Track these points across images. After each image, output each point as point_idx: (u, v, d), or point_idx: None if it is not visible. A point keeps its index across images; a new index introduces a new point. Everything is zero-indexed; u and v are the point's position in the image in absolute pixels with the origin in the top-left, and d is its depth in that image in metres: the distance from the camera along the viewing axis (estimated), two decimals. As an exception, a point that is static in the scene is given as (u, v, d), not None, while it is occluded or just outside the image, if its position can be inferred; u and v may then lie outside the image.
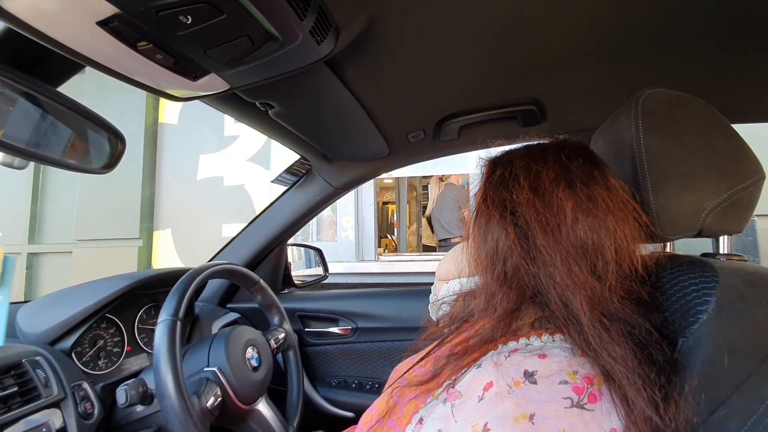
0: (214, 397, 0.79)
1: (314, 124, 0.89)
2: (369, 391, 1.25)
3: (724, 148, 0.53)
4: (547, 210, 0.46)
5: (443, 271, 0.85)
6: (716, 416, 0.40)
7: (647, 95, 0.54)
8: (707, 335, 0.42)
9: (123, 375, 0.93)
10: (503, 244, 0.49)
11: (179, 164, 3.94)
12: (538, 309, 0.48)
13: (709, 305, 0.43)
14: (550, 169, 0.49)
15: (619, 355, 0.40)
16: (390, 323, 1.24)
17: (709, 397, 0.40)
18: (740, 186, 0.51)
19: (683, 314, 0.45)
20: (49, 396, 0.73)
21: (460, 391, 0.43)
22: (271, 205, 1.31)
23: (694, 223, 0.52)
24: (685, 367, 0.42)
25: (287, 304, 1.29)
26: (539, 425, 0.36)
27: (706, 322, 0.43)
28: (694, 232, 0.53)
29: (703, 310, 0.44)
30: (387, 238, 5.75)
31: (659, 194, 0.51)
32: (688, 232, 0.53)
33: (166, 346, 0.72)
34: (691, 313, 0.45)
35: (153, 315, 1.09)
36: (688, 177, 0.52)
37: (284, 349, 1.09)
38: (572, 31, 0.67)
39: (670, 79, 0.80)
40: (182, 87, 0.58)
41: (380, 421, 0.54)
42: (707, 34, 0.68)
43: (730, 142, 0.53)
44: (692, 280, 0.47)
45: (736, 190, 0.51)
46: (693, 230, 0.53)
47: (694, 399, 0.39)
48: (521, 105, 0.92)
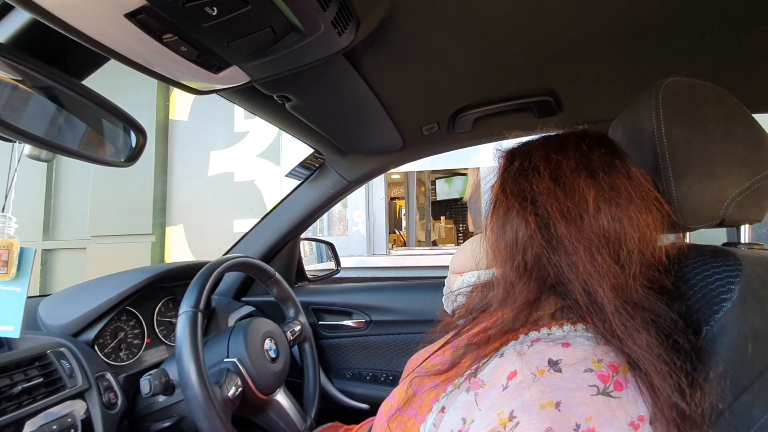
0: (234, 387, 0.80)
1: (330, 117, 0.89)
2: (383, 383, 1.26)
3: (745, 136, 0.52)
4: (569, 199, 0.46)
5: (457, 264, 0.85)
6: (740, 402, 0.40)
7: (668, 84, 0.54)
8: (731, 323, 0.42)
9: (143, 366, 0.95)
10: (523, 234, 0.49)
11: (190, 160, 3.97)
12: (559, 299, 0.48)
13: (733, 293, 0.43)
14: (571, 158, 0.49)
15: (645, 343, 0.40)
16: (403, 316, 1.24)
17: (733, 383, 0.40)
18: (761, 174, 0.51)
19: (707, 303, 0.45)
20: (73, 386, 0.75)
21: (483, 380, 0.43)
22: (284, 200, 1.31)
23: (716, 212, 0.52)
24: (710, 354, 0.42)
25: (301, 297, 1.30)
26: (565, 412, 0.36)
27: (730, 310, 0.43)
28: (716, 221, 0.53)
29: (727, 299, 0.44)
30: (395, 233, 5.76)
31: (681, 183, 0.51)
32: (710, 221, 0.53)
33: (189, 337, 0.73)
34: (715, 301, 0.45)
35: (171, 308, 1.11)
36: (710, 166, 0.51)
37: (300, 341, 1.10)
38: (589, 20, 0.66)
39: (689, 68, 0.79)
40: (203, 79, 0.58)
41: (400, 409, 0.54)
42: (727, 22, 0.67)
43: (751, 131, 0.52)
44: (715, 269, 0.47)
45: (758, 179, 0.51)
46: (715, 219, 0.52)
47: (719, 385, 0.40)
48: (537, 96, 0.92)
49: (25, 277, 0.68)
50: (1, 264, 0.61)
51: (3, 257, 0.61)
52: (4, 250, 0.61)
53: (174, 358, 0.76)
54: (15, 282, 0.65)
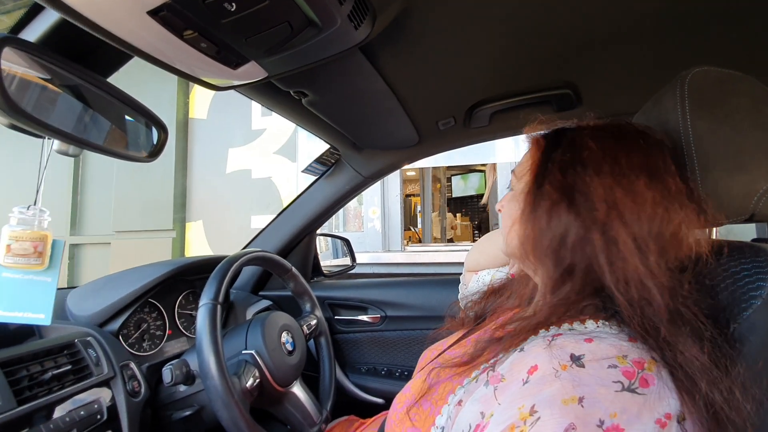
0: (252, 379, 0.82)
1: (346, 112, 0.90)
2: (398, 378, 1.26)
3: None
4: (629, 198, 0.44)
5: (472, 261, 0.85)
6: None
7: (694, 74, 0.52)
8: (761, 321, 0.41)
9: (165, 357, 0.98)
10: (575, 234, 0.46)
11: (209, 158, 4.06)
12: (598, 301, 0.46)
13: (763, 290, 0.42)
14: (632, 155, 0.46)
15: (688, 345, 0.39)
16: (418, 312, 1.24)
17: None
18: None
19: (735, 300, 0.44)
20: (100, 374, 0.78)
21: (502, 374, 0.42)
22: (300, 195, 1.33)
23: (746, 206, 0.50)
24: (743, 353, 0.41)
25: (317, 292, 1.32)
26: (589, 408, 0.35)
27: (760, 307, 0.42)
28: (745, 215, 0.51)
29: (756, 296, 0.42)
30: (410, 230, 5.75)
31: (707, 177, 0.49)
32: (739, 215, 0.51)
33: (208, 329, 0.75)
34: (743, 298, 0.43)
35: (191, 301, 1.13)
36: (738, 158, 0.49)
37: (316, 335, 1.12)
38: (610, 11, 0.64)
39: (716, 58, 0.76)
40: (222, 75, 0.59)
41: (416, 402, 0.54)
42: (754, 9, 0.64)
43: None
44: (744, 266, 0.46)
45: None
46: (744, 214, 0.50)
47: (758, 384, 0.38)
48: (556, 89, 0.90)
49: (56, 268, 0.71)
50: (37, 255, 0.64)
51: (39, 248, 0.64)
52: (40, 241, 0.64)
53: (194, 349, 0.78)
54: (46, 272, 0.67)
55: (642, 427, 0.35)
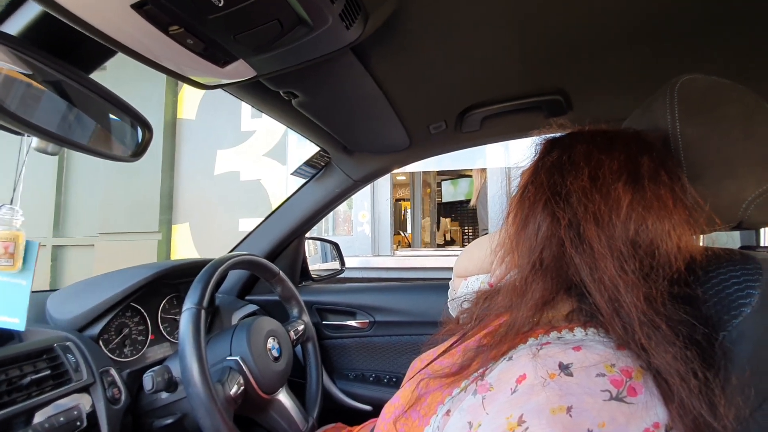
0: (237, 386, 0.80)
1: (337, 114, 0.89)
2: (387, 384, 1.25)
3: (766, 135, 0.50)
4: (603, 201, 0.44)
5: (461, 267, 0.84)
6: (761, 411, 0.39)
7: (684, 81, 0.52)
8: (751, 329, 0.41)
9: (147, 363, 0.95)
10: (547, 229, 0.47)
11: (197, 159, 4.01)
12: (574, 301, 0.47)
13: (752, 298, 0.42)
14: (615, 160, 0.46)
15: (671, 354, 0.38)
16: (408, 317, 1.23)
17: (757, 391, 0.38)
18: None
19: (724, 308, 0.44)
20: (79, 380, 0.75)
21: (490, 383, 0.42)
22: (289, 198, 1.31)
23: (734, 213, 0.50)
24: (732, 362, 0.41)
25: (305, 296, 1.30)
26: (577, 418, 0.35)
27: (749, 315, 0.41)
28: (733, 223, 0.51)
29: (746, 304, 0.42)
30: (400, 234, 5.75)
31: (696, 184, 0.49)
32: (728, 223, 0.51)
33: (191, 334, 0.73)
34: (732, 306, 0.43)
35: (175, 305, 1.10)
36: (728, 166, 0.49)
37: (303, 340, 1.10)
38: (600, 18, 0.65)
39: (706, 66, 0.77)
40: (209, 74, 0.58)
41: (405, 412, 0.53)
42: (744, 17, 0.65)
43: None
44: (733, 273, 0.45)
45: None
46: (732, 221, 0.50)
47: (742, 394, 0.38)
48: (546, 95, 0.90)
49: (30, 270, 0.68)
50: (8, 256, 0.61)
51: (9, 249, 0.61)
52: (11, 242, 0.61)
53: (177, 355, 0.75)
54: (20, 275, 0.65)
55: None
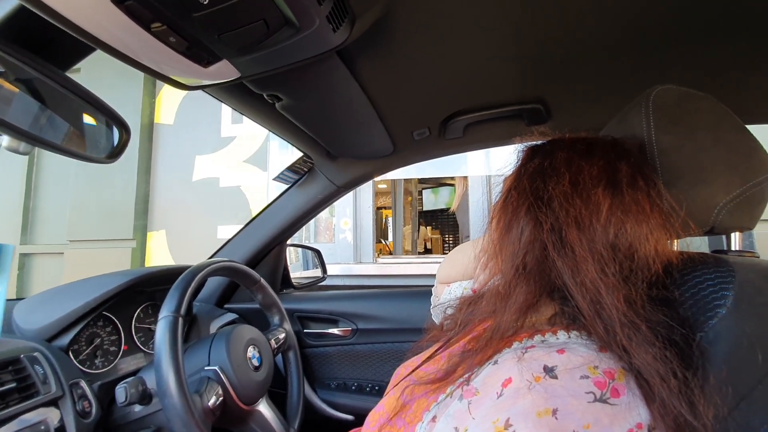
0: (215, 397, 0.77)
1: (321, 119, 0.88)
2: (369, 393, 1.23)
3: (735, 144, 0.52)
4: (584, 206, 0.45)
5: (444, 274, 0.84)
6: (739, 410, 0.40)
7: (658, 91, 0.54)
8: (727, 330, 0.42)
9: (120, 374, 0.91)
10: (530, 233, 0.47)
11: (175, 165, 3.91)
12: (557, 304, 0.47)
13: (727, 300, 0.43)
14: (594, 166, 0.48)
15: (651, 355, 0.39)
16: (390, 324, 1.22)
17: (734, 390, 0.39)
18: (753, 182, 0.51)
19: (700, 309, 0.45)
20: (47, 393, 0.71)
21: (476, 388, 0.42)
22: (271, 204, 1.29)
23: (707, 219, 0.51)
24: (710, 361, 0.42)
25: (286, 304, 1.27)
26: (562, 420, 0.35)
27: (725, 316, 0.42)
28: (706, 228, 0.53)
29: (721, 305, 0.43)
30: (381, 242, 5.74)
31: (671, 190, 0.51)
32: (700, 228, 0.53)
33: (168, 343, 0.70)
34: (708, 308, 0.44)
35: (151, 314, 1.07)
36: (700, 173, 0.51)
37: (285, 349, 1.07)
38: (578, 31, 0.67)
39: (677, 78, 0.80)
40: (192, 74, 0.57)
41: (390, 420, 0.52)
42: (718, 32, 0.68)
43: (742, 139, 0.53)
44: (707, 276, 0.47)
45: (749, 186, 0.51)
46: (705, 226, 0.52)
47: (721, 393, 0.39)
48: (527, 103, 0.92)
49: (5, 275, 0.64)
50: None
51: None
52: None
53: (152, 366, 0.73)
54: (-7, 281, 0.61)
55: None
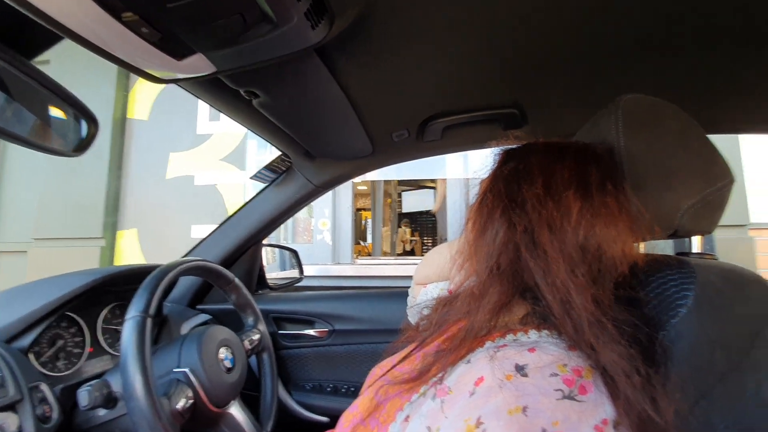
0: (185, 399, 0.75)
1: (299, 117, 0.87)
2: (345, 395, 1.22)
3: (698, 151, 0.55)
4: (556, 209, 0.46)
5: (421, 275, 0.85)
6: (699, 407, 0.41)
7: (628, 99, 0.56)
8: (688, 329, 0.44)
9: (84, 377, 0.87)
10: (503, 235, 0.48)
11: (148, 162, 3.79)
12: (529, 304, 0.48)
13: (688, 299, 0.45)
14: (566, 169, 0.49)
15: (617, 353, 0.40)
16: (367, 325, 1.22)
17: (695, 387, 0.41)
18: (713, 188, 0.53)
19: (663, 309, 0.47)
20: (4, 397, 0.68)
21: (449, 387, 0.42)
22: (248, 203, 1.27)
23: (671, 222, 0.53)
24: (672, 359, 0.43)
25: (261, 305, 1.25)
26: (532, 417, 0.36)
27: (686, 316, 0.44)
28: (669, 231, 0.55)
29: (682, 305, 0.45)
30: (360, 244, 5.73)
31: (639, 195, 0.53)
32: (665, 231, 0.55)
33: (135, 344, 0.68)
34: (671, 307, 0.46)
35: (118, 315, 1.03)
36: (666, 178, 0.53)
37: (259, 350, 1.06)
38: (553, 38, 0.69)
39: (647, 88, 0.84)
40: (165, 67, 0.55)
41: (363, 420, 0.52)
42: (683, 47, 0.71)
43: (704, 147, 0.55)
44: (671, 277, 0.49)
45: (710, 192, 0.53)
46: (669, 230, 0.54)
47: (681, 390, 0.40)
48: (503, 108, 0.94)
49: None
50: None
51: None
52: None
53: (118, 369, 0.70)
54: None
55: None
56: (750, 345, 0.43)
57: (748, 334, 0.43)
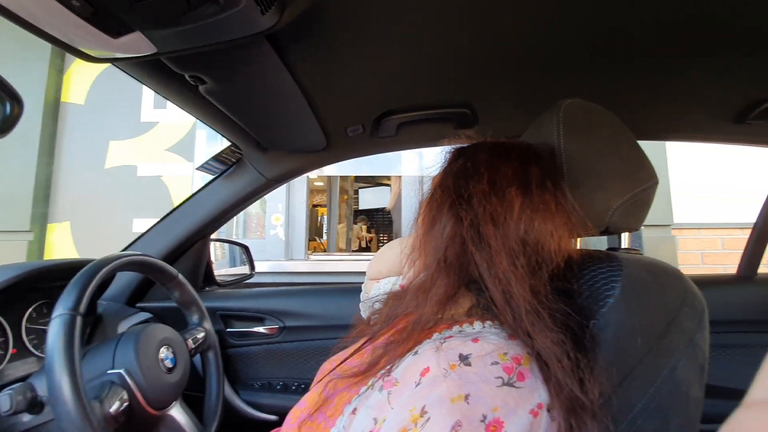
0: (119, 402, 0.71)
1: (249, 107, 0.84)
2: (295, 392, 1.20)
3: (628, 154, 0.59)
4: (499, 204, 0.49)
5: (374, 270, 0.85)
6: (622, 388, 0.45)
7: (568, 104, 0.60)
8: (615, 317, 0.47)
9: (6, 381, 0.80)
10: (451, 229, 0.50)
11: (84, 150, 3.51)
12: (474, 296, 0.50)
13: (615, 290, 0.49)
14: (509, 167, 0.52)
15: (550, 339, 0.43)
16: (320, 321, 1.21)
17: (618, 370, 0.45)
18: (640, 188, 0.58)
19: (594, 299, 0.50)
20: None
21: (396, 378, 0.43)
22: (194, 195, 1.21)
23: (603, 220, 0.58)
24: (599, 345, 0.46)
25: (208, 302, 1.20)
26: (474, 404, 0.37)
27: (613, 305, 0.48)
28: (602, 228, 0.59)
29: (610, 295, 0.49)
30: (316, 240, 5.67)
31: (575, 193, 0.56)
32: (597, 228, 0.59)
33: (62, 344, 0.63)
34: (600, 298, 0.50)
35: (45, 314, 0.95)
36: (599, 179, 0.57)
37: (204, 349, 1.01)
38: (502, 43, 0.72)
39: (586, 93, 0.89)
40: (100, 45, 0.51)
41: (311, 415, 0.52)
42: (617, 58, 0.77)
43: (633, 150, 0.60)
44: (601, 270, 0.52)
45: (637, 192, 0.58)
46: (601, 227, 0.58)
47: (607, 373, 0.44)
48: (456, 108, 0.96)
49: None
50: None
51: None
52: None
53: (44, 371, 0.64)
54: None
55: (518, 419, 0.38)
56: (665, 331, 0.47)
57: (664, 321, 0.48)
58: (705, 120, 1.00)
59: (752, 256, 1.24)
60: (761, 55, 0.75)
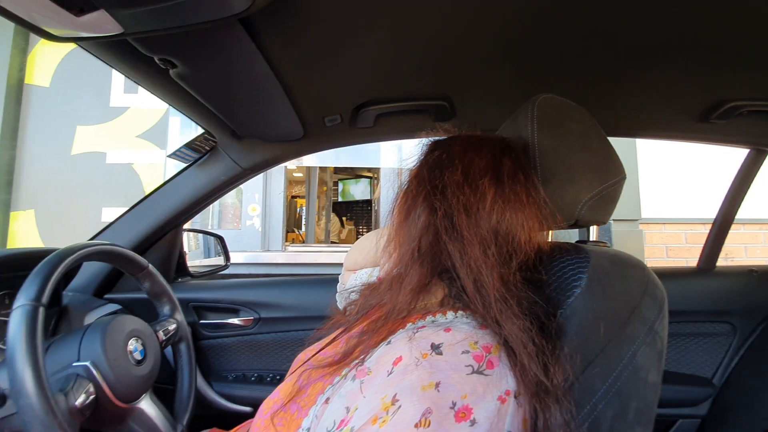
0: (85, 395, 0.69)
1: (223, 93, 0.82)
2: (269, 383, 1.20)
3: (598, 150, 0.61)
4: (472, 194, 0.50)
5: (351, 261, 0.86)
6: (586, 374, 0.47)
7: (542, 99, 0.61)
8: (580, 306, 0.49)
9: (-38, 375, 0.76)
10: (425, 219, 0.51)
11: (49, 135, 3.34)
12: (446, 285, 0.51)
13: (582, 281, 0.51)
14: (483, 159, 0.53)
15: (517, 326, 0.44)
16: (296, 312, 1.20)
17: (582, 358, 0.46)
18: (609, 183, 0.60)
19: (562, 290, 0.52)
20: None
21: (369, 368, 0.44)
22: (166, 183, 1.17)
23: (573, 213, 0.59)
24: (564, 333, 0.48)
25: (180, 293, 1.17)
26: (444, 392, 0.38)
27: (579, 295, 0.50)
28: (572, 221, 0.61)
29: (577, 285, 0.51)
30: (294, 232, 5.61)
31: (547, 187, 0.58)
32: (567, 221, 0.60)
33: (24, 336, 0.61)
34: (568, 288, 0.51)
35: (7, 305, 0.91)
36: (569, 173, 0.59)
37: (175, 341, 0.99)
38: (480, 37, 0.73)
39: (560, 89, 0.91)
40: (62, 24, 0.48)
41: (284, 405, 0.52)
42: (589, 56, 0.79)
43: (603, 146, 0.62)
44: (569, 261, 0.54)
45: (605, 186, 0.59)
46: (571, 219, 0.60)
47: (571, 360, 0.45)
48: (434, 99, 0.97)
49: None
50: None
51: None
52: None
53: (5, 364, 0.62)
54: None
55: (486, 405, 0.39)
56: (627, 319, 0.49)
57: (626, 310, 0.50)
58: (671, 118, 1.04)
59: (712, 250, 1.30)
60: (725, 57, 0.78)
